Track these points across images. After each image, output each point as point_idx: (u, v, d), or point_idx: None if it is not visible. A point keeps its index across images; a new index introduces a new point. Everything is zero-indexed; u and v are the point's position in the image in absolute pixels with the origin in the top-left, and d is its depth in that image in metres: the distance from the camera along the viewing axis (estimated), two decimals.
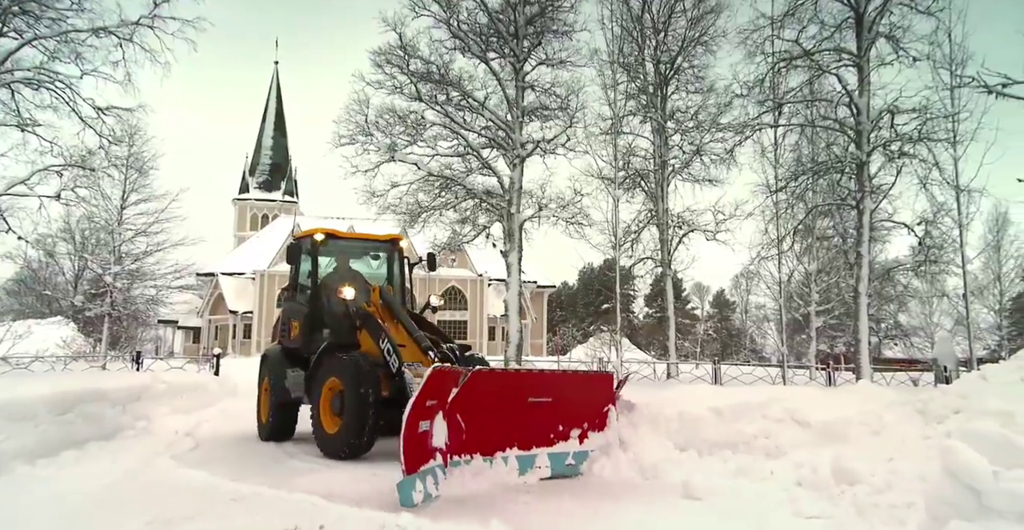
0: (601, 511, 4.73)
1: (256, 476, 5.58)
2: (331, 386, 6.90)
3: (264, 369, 8.56)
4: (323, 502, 4.41)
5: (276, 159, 51.79)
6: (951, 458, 2.69)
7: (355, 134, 18.49)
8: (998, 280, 30.71)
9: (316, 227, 8.36)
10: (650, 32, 20.42)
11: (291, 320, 8.35)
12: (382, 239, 8.93)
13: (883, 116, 16.61)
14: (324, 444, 6.80)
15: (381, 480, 5.51)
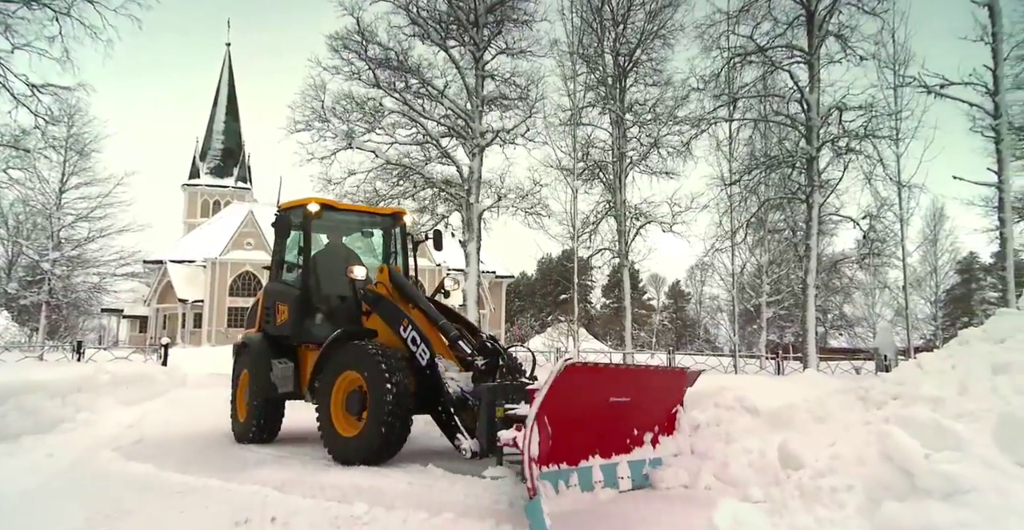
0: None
1: (206, 468, 5.44)
2: (346, 381, 5.88)
3: (241, 360, 7.51)
4: (276, 494, 4.35)
5: (228, 144, 50.29)
6: (887, 442, 2.80)
7: (311, 120, 18.12)
8: (934, 272, 32.18)
9: (308, 197, 7.44)
10: (609, 24, 20.52)
11: (277, 303, 7.21)
12: (384, 213, 8.06)
13: (832, 112, 17.14)
14: (338, 449, 5.75)
15: (335, 472, 5.44)
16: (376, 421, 5.45)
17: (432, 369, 5.61)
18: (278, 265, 7.54)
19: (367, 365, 5.64)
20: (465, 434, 5.19)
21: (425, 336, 5.81)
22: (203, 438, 7.52)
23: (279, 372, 6.80)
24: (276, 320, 7.18)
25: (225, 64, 51.07)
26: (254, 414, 7.04)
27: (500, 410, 4.93)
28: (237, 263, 39.42)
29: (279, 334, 7.12)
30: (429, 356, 5.68)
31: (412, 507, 4.17)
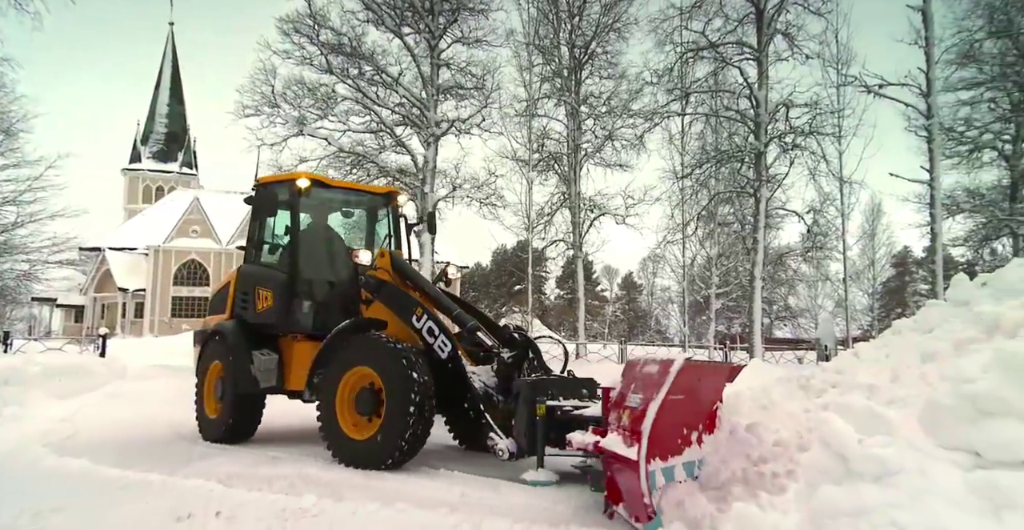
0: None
1: (146, 463, 5.25)
2: (355, 378, 5.35)
3: (211, 351, 6.78)
4: (220, 488, 4.24)
5: (172, 128, 48.44)
6: (825, 428, 2.91)
7: (261, 105, 17.61)
8: (872, 266, 33.53)
9: (295, 172, 6.94)
10: (565, 15, 20.56)
11: (258, 288, 6.51)
12: (378, 191, 7.41)
13: (779, 109, 17.63)
14: (347, 452, 5.21)
15: (283, 464, 5.36)
16: (395, 425, 4.91)
17: (455, 363, 5.18)
18: (257, 246, 6.82)
19: (384, 361, 5.11)
20: (499, 433, 4.77)
21: (444, 326, 5.35)
22: (144, 432, 7.22)
23: (261, 364, 6.20)
24: (257, 307, 6.49)
25: (168, 44, 49.07)
26: (230, 410, 6.39)
27: (541, 407, 4.58)
28: (182, 251, 38.18)
29: (260, 322, 6.45)
30: (451, 348, 5.22)
31: (363, 499, 4.13)
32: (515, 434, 4.75)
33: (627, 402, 3.79)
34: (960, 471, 2.50)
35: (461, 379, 5.13)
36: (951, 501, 2.35)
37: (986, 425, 2.58)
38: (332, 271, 6.57)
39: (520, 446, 4.68)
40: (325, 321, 6.03)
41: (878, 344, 5.50)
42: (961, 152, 20.33)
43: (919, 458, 2.58)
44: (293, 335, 6.30)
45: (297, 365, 6.14)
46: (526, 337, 5.50)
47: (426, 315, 5.43)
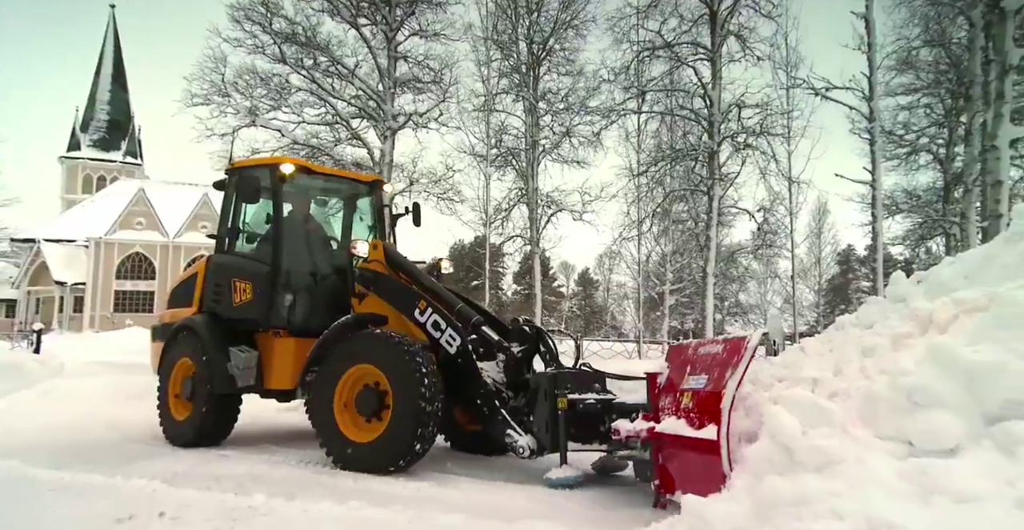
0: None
1: (84, 464, 5.03)
2: (356, 377, 5.08)
3: (178, 347, 6.33)
4: (165, 488, 4.10)
5: (115, 115, 46.55)
6: (771, 421, 3.00)
7: (210, 94, 17.04)
8: (818, 263, 34.79)
9: (276, 156, 6.62)
10: (524, 11, 20.56)
11: (235, 281, 6.10)
12: (363, 180, 7.05)
13: (732, 109, 18.07)
14: (348, 456, 4.94)
15: (232, 462, 5.23)
16: (404, 426, 4.67)
17: (464, 357, 4.93)
18: (232, 234, 6.41)
19: (390, 359, 4.83)
20: (518, 430, 4.63)
21: (451, 319, 5.09)
22: (82, 432, 6.90)
23: (240, 362, 5.81)
24: (234, 300, 6.08)
25: (109, 27, 47.09)
26: (203, 412, 5.93)
27: (563, 400, 4.41)
28: (126, 244, 36.82)
29: (237, 317, 6.05)
30: (459, 342, 4.97)
31: (315, 497, 4.07)
32: (535, 430, 4.58)
33: (685, 385, 3.69)
34: (894, 460, 2.61)
35: (472, 375, 4.90)
36: (886, 488, 2.45)
37: (918, 416, 2.71)
38: (320, 263, 6.23)
39: (541, 442, 4.52)
40: (311, 316, 5.80)
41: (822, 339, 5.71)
42: (900, 155, 21.22)
43: (858, 448, 2.69)
44: (275, 331, 5.92)
45: (279, 363, 5.81)
46: (538, 329, 5.29)
47: (430, 308, 5.17)
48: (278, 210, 6.11)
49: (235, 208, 6.47)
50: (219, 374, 5.85)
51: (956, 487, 2.35)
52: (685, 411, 3.63)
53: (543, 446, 4.51)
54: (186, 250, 41.88)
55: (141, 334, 21.48)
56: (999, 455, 2.49)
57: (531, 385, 4.79)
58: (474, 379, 4.89)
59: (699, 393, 3.59)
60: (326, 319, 5.56)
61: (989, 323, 2.89)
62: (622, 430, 4.03)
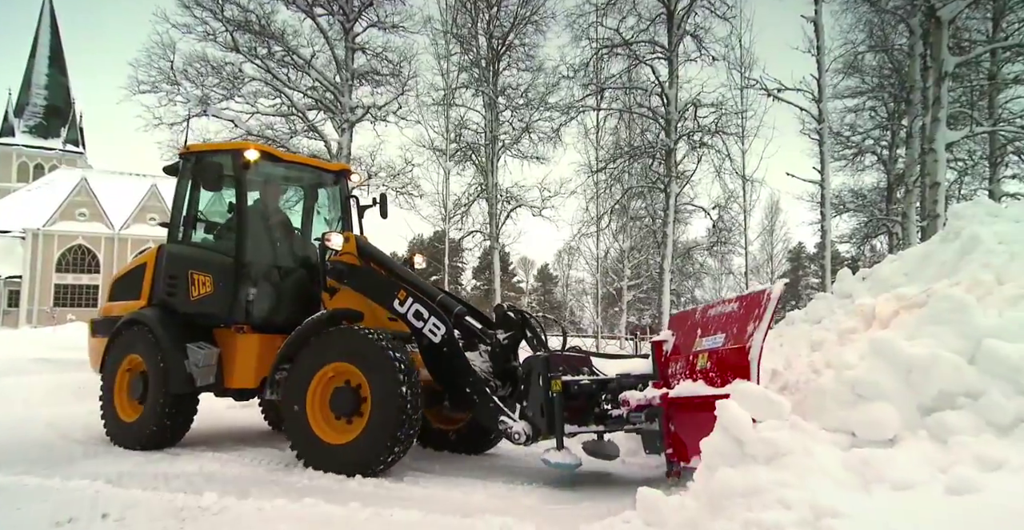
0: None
1: (19, 465, 4.82)
2: (332, 375, 4.84)
3: (127, 343, 5.92)
4: (108, 488, 3.97)
5: (54, 101, 44.48)
6: (724, 414, 3.07)
7: (158, 81, 16.43)
8: (770, 260, 35.76)
9: (237, 141, 6.20)
10: (483, 5, 20.48)
11: (192, 273, 5.75)
12: (330, 168, 6.71)
13: (688, 108, 18.39)
14: (323, 457, 4.71)
15: (182, 461, 5.09)
16: (384, 427, 4.49)
17: (450, 346, 4.76)
18: (187, 223, 6.03)
19: (368, 357, 4.63)
20: (511, 416, 4.54)
21: (433, 307, 4.90)
22: (17, 432, 6.54)
23: (200, 359, 5.47)
24: (191, 293, 5.72)
25: (45, 8, 44.89)
26: (156, 413, 5.53)
27: (557, 383, 4.31)
28: (67, 235, 35.34)
29: (194, 312, 5.71)
30: (444, 330, 4.77)
31: (269, 495, 3.99)
32: (530, 415, 4.47)
33: (699, 347, 3.67)
34: (839, 450, 2.72)
35: (459, 363, 4.76)
36: (831, 478, 2.55)
37: (861, 408, 2.83)
38: (285, 255, 5.95)
39: (536, 427, 4.41)
40: (277, 312, 5.56)
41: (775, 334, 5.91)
42: (847, 155, 21.98)
43: (805, 440, 2.78)
44: (237, 327, 5.58)
45: (242, 361, 5.52)
46: (523, 315, 5.15)
47: (410, 298, 4.97)
48: (241, 198, 5.76)
49: (191, 195, 6.07)
50: (176, 373, 5.50)
51: (894, 475, 2.47)
52: (702, 372, 3.62)
53: (539, 430, 4.41)
54: (133, 243, 40.40)
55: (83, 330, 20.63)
56: (933, 444, 2.62)
57: (523, 369, 4.68)
58: (462, 368, 4.74)
59: (718, 352, 3.57)
60: (292, 315, 5.38)
61: (926, 318, 3.03)
62: (632, 400, 3.93)
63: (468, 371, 4.73)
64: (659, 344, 4.12)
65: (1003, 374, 2.71)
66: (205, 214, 6.16)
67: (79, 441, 6.11)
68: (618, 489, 4.00)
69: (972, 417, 2.65)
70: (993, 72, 17.64)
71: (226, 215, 6.00)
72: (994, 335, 2.81)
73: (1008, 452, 2.44)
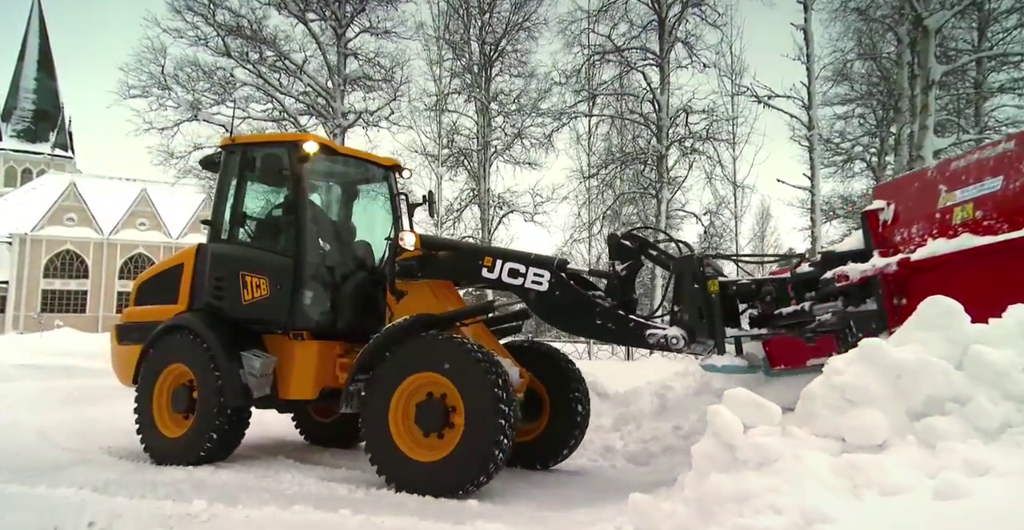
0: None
1: (3, 472, 4.74)
2: (417, 386, 4.43)
3: (169, 351, 5.45)
4: (95, 496, 3.93)
5: (42, 105, 44.25)
6: (715, 420, 3.08)
7: (149, 86, 16.44)
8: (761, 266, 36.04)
9: (294, 132, 5.79)
10: (476, 12, 20.57)
11: (244, 274, 5.31)
12: (383, 163, 6.22)
13: (679, 114, 18.52)
14: (410, 476, 4.31)
15: (170, 467, 5.04)
16: (479, 447, 4.11)
17: (563, 288, 4.40)
18: (236, 220, 5.59)
19: (463, 369, 4.23)
20: (658, 325, 4.23)
21: (529, 260, 4.57)
22: (3, 439, 6.39)
23: (257, 368, 5.05)
24: (242, 296, 5.29)
25: (34, 11, 44.68)
26: (208, 427, 5.09)
27: (713, 283, 4.01)
28: (55, 240, 35.08)
29: (247, 316, 5.29)
30: (549, 274, 4.43)
31: (258, 502, 3.97)
32: (685, 318, 4.12)
33: (952, 201, 3.46)
34: (829, 456, 2.73)
35: (577, 300, 4.41)
36: (821, 483, 2.56)
37: (850, 413, 2.84)
38: (345, 256, 5.59)
39: (693, 331, 4.07)
40: (338, 317, 5.23)
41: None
42: (837, 162, 22.17)
43: (795, 445, 2.80)
44: (296, 333, 5.18)
45: (299, 369, 5.13)
46: (641, 241, 4.77)
47: (498, 260, 4.62)
48: (300, 194, 5.32)
49: (237, 190, 5.62)
50: (231, 383, 5.05)
51: (883, 480, 2.48)
52: (968, 224, 3.37)
53: (695, 334, 4.08)
54: (122, 248, 40.13)
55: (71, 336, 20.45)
56: (922, 449, 2.63)
57: (674, 272, 4.37)
58: (582, 303, 4.42)
59: (995, 197, 3.30)
60: (353, 320, 5.15)
61: (915, 323, 3.05)
62: (852, 273, 3.61)
63: (590, 303, 4.42)
64: (873, 214, 3.89)
65: (990, 379, 2.73)
66: (258, 211, 5.77)
67: (66, 448, 6.03)
68: (611, 495, 3.99)
69: (960, 422, 2.67)
70: (979, 81, 17.87)
71: (266, 212, 5.68)
72: (981, 341, 2.83)
73: (995, 457, 2.46)
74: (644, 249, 4.76)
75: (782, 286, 4.22)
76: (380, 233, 6.18)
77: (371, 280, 5.46)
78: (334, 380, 5.12)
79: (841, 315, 3.86)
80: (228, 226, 5.67)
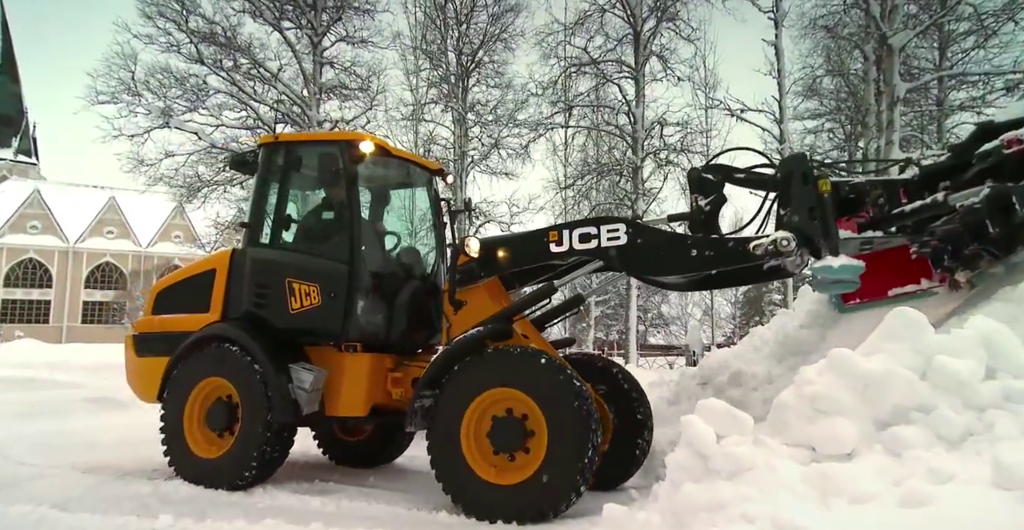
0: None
1: None
2: (490, 402, 4.12)
3: (204, 363, 5.02)
4: (55, 513, 3.80)
5: (5, 110, 43.27)
6: (689, 429, 3.11)
7: (118, 92, 16.11)
8: None
9: (347, 131, 5.19)
10: (453, 22, 20.66)
11: (292, 281, 4.95)
12: (429, 167, 5.95)
13: (654, 126, 18.80)
14: (489, 501, 3.97)
15: (135, 481, 4.90)
16: (565, 469, 3.81)
17: (643, 233, 4.22)
18: (278, 224, 5.25)
19: (544, 384, 3.94)
20: (759, 235, 3.95)
21: (600, 220, 4.40)
22: None
23: (308, 382, 4.71)
24: (290, 305, 4.93)
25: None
26: (254, 446, 4.68)
27: (825, 182, 3.78)
28: (16, 249, 34.21)
29: (294, 327, 4.95)
30: (624, 226, 4.22)
31: (227, 517, 3.88)
32: (794, 220, 3.82)
33: None
34: (799, 465, 2.78)
35: (664, 240, 4.25)
36: (792, 492, 2.60)
37: (820, 422, 2.89)
38: (398, 262, 5.37)
39: (804, 233, 3.77)
40: (393, 327, 4.96)
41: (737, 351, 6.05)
42: None
43: (767, 455, 2.83)
44: (347, 345, 4.88)
45: (350, 384, 4.81)
46: (723, 169, 4.54)
47: (563, 231, 4.39)
48: (353, 196, 4.97)
49: (280, 192, 5.27)
50: (282, 398, 4.67)
51: (852, 489, 2.53)
52: None
53: (808, 237, 3.80)
54: (89, 256, 39.21)
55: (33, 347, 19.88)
56: (888, 458, 2.69)
57: (780, 172, 4.11)
58: (671, 242, 4.24)
59: None
60: (407, 331, 4.93)
61: (882, 334, 3.12)
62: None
63: (678, 237, 4.28)
64: None
65: (952, 389, 2.81)
66: (302, 214, 5.45)
67: (24, 463, 5.81)
68: (588, 505, 3.98)
69: (924, 431, 2.74)
70: (941, 98, 18.45)
71: (313, 214, 5.39)
72: (945, 351, 2.91)
73: (957, 465, 2.52)
74: (729, 176, 4.52)
75: (893, 189, 4.02)
76: (423, 239, 5.95)
77: (424, 289, 5.22)
78: (385, 396, 4.84)
79: (988, 199, 3.54)
80: (270, 229, 5.27)
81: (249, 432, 4.74)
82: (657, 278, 4.58)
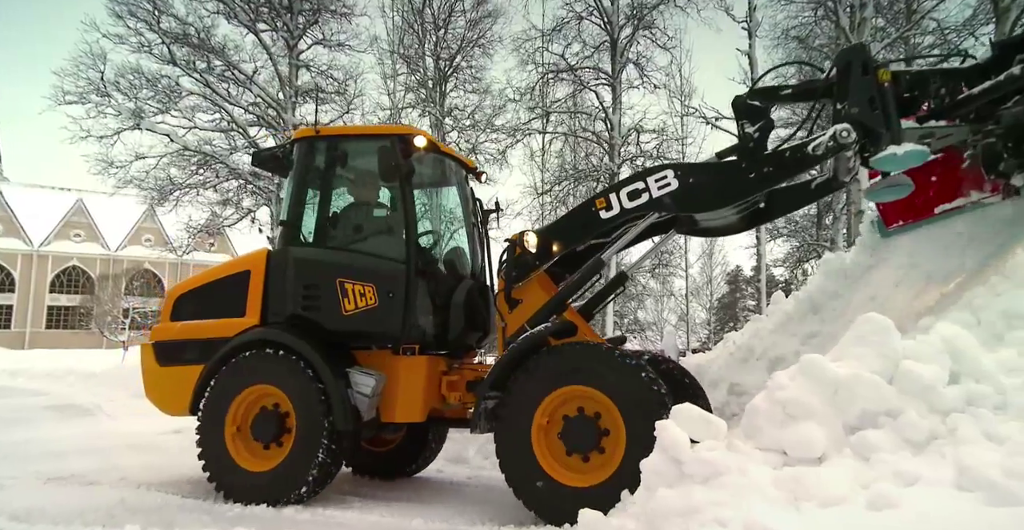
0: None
1: None
2: (561, 401, 3.96)
3: (251, 370, 4.72)
4: (13, 525, 3.70)
5: None
6: (663, 435, 3.14)
7: (87, 93, 15.80)
8: (709, 283, 36.94)
9: (396, 124, 4.77)
10: (431, 27, 20.67)
11: (343, 282, 4.69)
12: (468, 165, 5.80)
13: (631, 133, 18.97)
14: (561, 502, 3.75)
15: (102, 490, 4.79)
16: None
17: (696, 173, 4.17)
18: (324, 222, 5.00)
19: (621, 383, 3.76)
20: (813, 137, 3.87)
21: (646, 172, 4.28)
22: None
23: (368, 387, 4.50)
24: (343, 307, 4.66)
25: None
26: (312, 456, 4.41)
27: (885, 72, 3.68)
28: None
29: (348, 329, 4.70)
30: (672, 172, 4.13)
31: (197, 524, 3.83)
32: (854, 112, 3.69)
33: None
34: (771, 469, 2.81)
35: (717, 166, 4.28)
36: (764, 496, 2.63)
37: (791, 427, 2.93)
38: (449, 261, 5.20)
39: (865, 125, 3.65)
40: (451, 328, 4.81)
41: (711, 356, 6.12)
42: None
43: (740, 459, 2.87)
44: (404, 348, 4.70)
45: (407, 388, 4.63)
46: (769, 91, 4.51)
47: (610, 194, 4.30)
48: (407, 192, 4.75)
49: (323, 188, 5.05)
50: (342, 405, 4.45)
51: (821, 492, 2.57)
52: None
53: (866, 126, 3.67)
54: (54, 260, 38.25)
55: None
56: (857, 461, 2.74)
57: (837, 64, 3.98)
58: (724, 165, 4.22)
59: None
60: (463, 331, 4.81)
61: (851, 339, 3.18)
62: None
63: (731, 163, 4.18)
64: None
65: (918, 393, 2.87)
66: (347, 211, 5.17)
67: None
68: None
69: (891, 435, 2.79)
70: None
71: (360, 212, 5.16)
72: (911, 356, 2.98)
73: (922, 468, 2.58)
74: (775, 96, 4.48)
75: (957, 79, 3.85)
76: (460, 238, 5.79)
77: (476, 288, 5.10)
78: (440, 400, 4.70)
79: None
80: (313, 227, 5.00)
81: (305, 442, 4.45)
82: (713, 221, 4.46)
